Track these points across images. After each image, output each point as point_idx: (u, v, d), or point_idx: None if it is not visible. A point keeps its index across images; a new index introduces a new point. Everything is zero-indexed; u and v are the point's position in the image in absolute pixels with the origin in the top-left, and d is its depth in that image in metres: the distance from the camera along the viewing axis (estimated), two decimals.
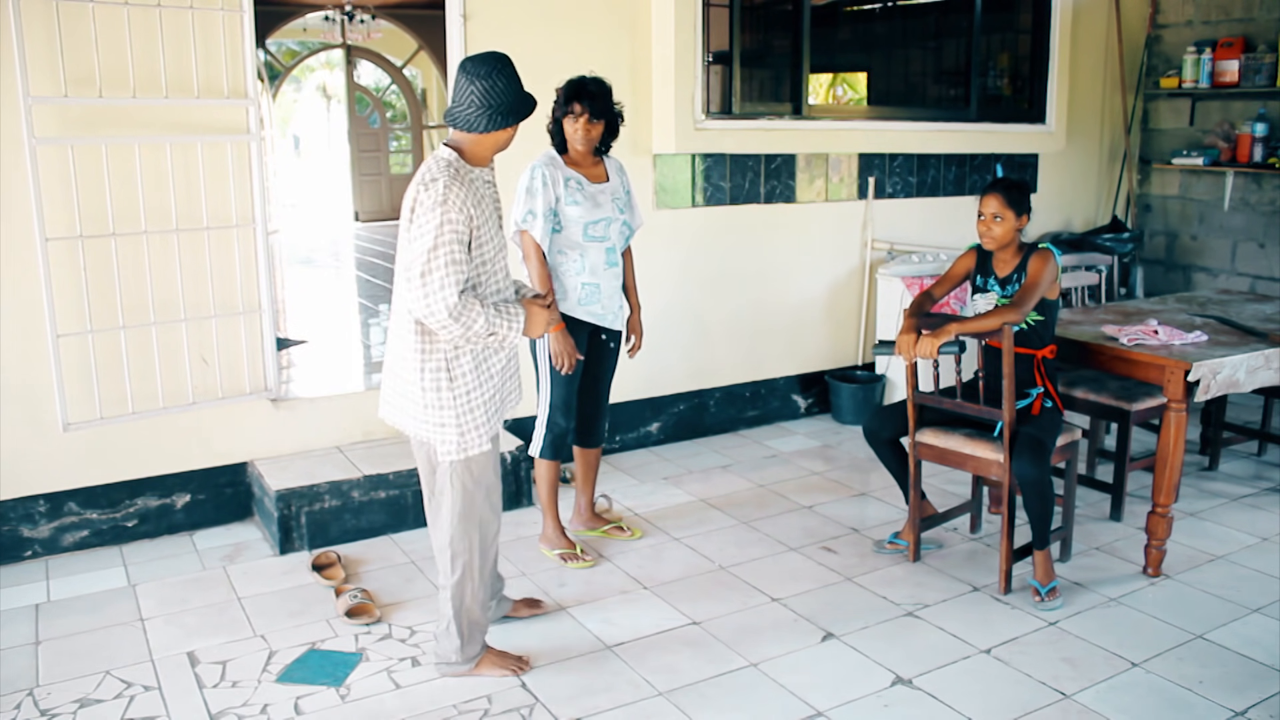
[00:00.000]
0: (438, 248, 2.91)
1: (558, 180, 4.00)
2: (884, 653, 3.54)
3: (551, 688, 3.34)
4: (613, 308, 4.17)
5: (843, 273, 6.32)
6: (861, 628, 3.72)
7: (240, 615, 3.88)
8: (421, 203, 2.95)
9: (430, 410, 3.10)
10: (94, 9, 4.09)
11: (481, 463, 3.21)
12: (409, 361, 3.10)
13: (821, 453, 5.70)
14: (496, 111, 3.03)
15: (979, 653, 3.54)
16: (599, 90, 4.00)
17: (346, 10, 13.81)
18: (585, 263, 4.06)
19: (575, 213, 4.01)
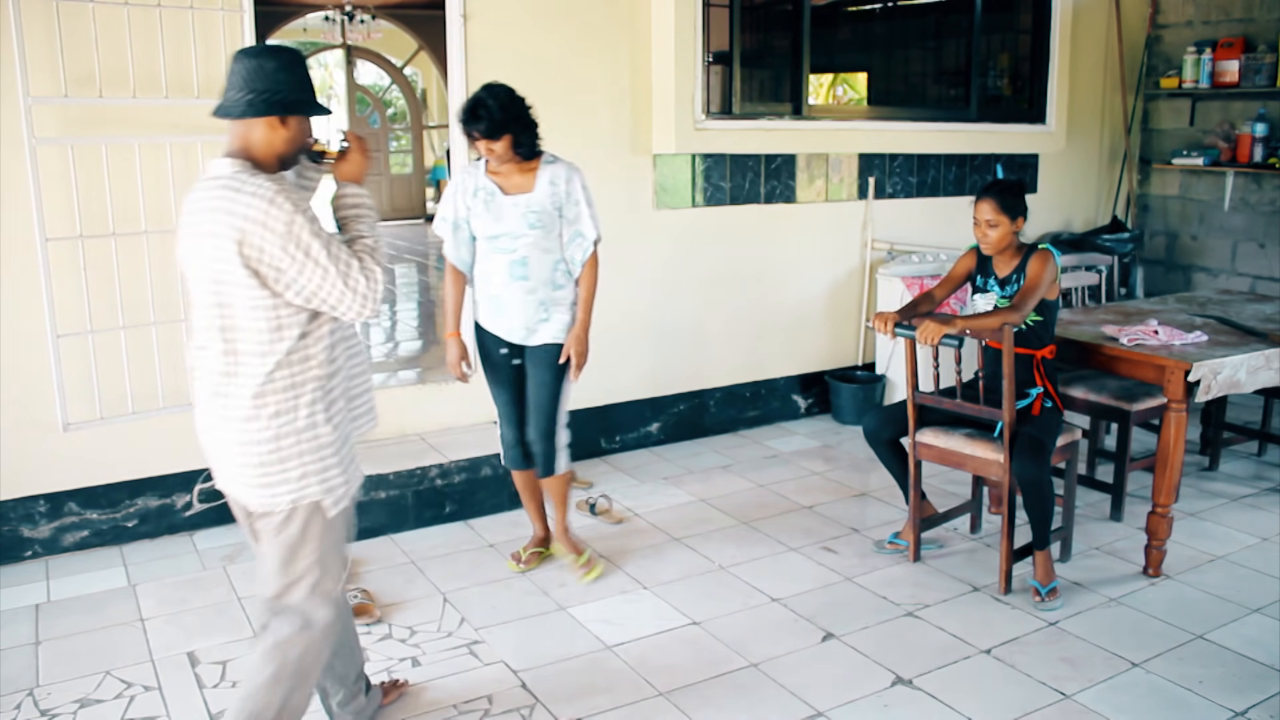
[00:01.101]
0: (324, 244, 2.46)
1: (469, 189, 3.88)
2: (884, 653, 3.54)
3: (552, 688, 3.34)
4: (529, 323, 3.90)
5: (843, 273, 6.32)
6: (862, 628, 3.72)
7: (240, 615, 3.87)
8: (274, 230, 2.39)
9: (288, 462, 2.55)
10: (94, 9, 4.09)
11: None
12: (263, 412, 2.51)
13: (822, 453, 5.70)
14: (259, 96, 2.49)
15: (979, 653, 3.54)
16: (492, 106, 3.70)
17: (346, 10, 13.81)
18: (489, 275, 3.91)
19: (476, 225, 3.89)
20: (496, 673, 3.44)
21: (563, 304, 3.94)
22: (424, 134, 16.92)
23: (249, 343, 2.48)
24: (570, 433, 4.11)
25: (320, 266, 2.44)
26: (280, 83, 2.51)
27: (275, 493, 2.56)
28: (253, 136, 2.51)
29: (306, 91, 2.58)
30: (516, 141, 3.78)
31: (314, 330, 2.55)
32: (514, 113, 3.76)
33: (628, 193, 5.48)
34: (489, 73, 4.96)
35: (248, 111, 2.49)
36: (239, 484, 2.60)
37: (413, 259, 12.36)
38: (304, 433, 2.55)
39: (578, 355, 3.95)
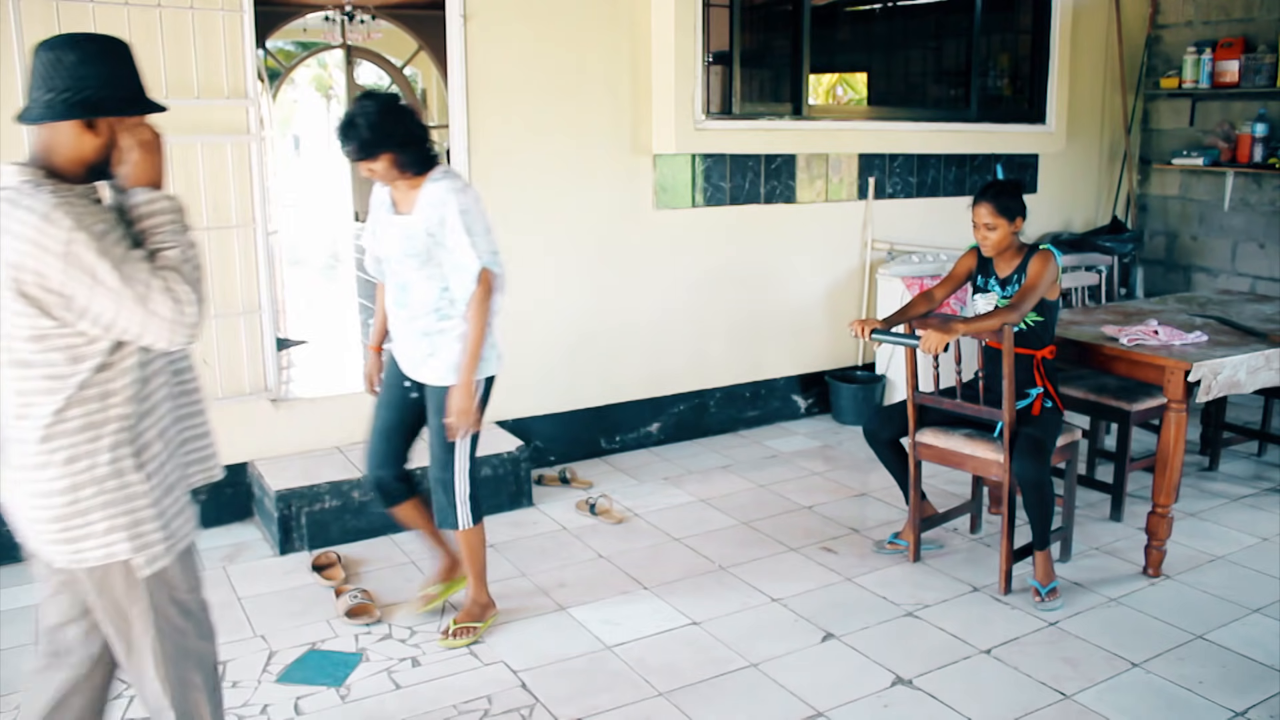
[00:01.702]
0: (114, 264, 2.04)
1: (378, 200, 3.56)
2: (884, 653, 3.54)
3: (552, 688, 3.34)
4: (413, 355, 3.54)
5: (843, 273, 6.32)
6: (861, 628, 3.72)
7: (240, 615, 3.88)
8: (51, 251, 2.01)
9: (90, 514, 2.16)
10: (94, 9, 4.09)
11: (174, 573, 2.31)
12: (54, 459, 2.12)
13: (822, 453, 5.70)
14: (59, 96, 2.09)
15: (979, 653, 3.54)
16: (362, 125, 3.26)
17: (346, 11, 13.80)
18: (386, 299, 3.63)
19: (369, 239, 3.62)
20: (496, 673, 3.44)
21: (451, 336, 3.48)
22: None
23: (37, 378, 2.10)
24: (472, 485, 3.62)
25: (111, 291, 2.03)
26: (84, 79, 2.10)
27: (79, 549, 2.17)
28: (56, 142, 2.12)
29: (120, 87, 2.16)
30: (399, 160, 3.34)
31: (117, 362, 2.14)
32: (388, 129, 3.28)
33: (627, 193, 5.48)
34: (489, 72, 4.99)
35: (45, 115, 2.09)
36: (39, 540, 2.20)
37: None
38: (107, 481, 2.14)
39: (458, 415, 3.43)
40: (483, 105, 5.02)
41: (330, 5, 13.49)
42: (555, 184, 5.27)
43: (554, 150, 5.25)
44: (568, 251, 5.37)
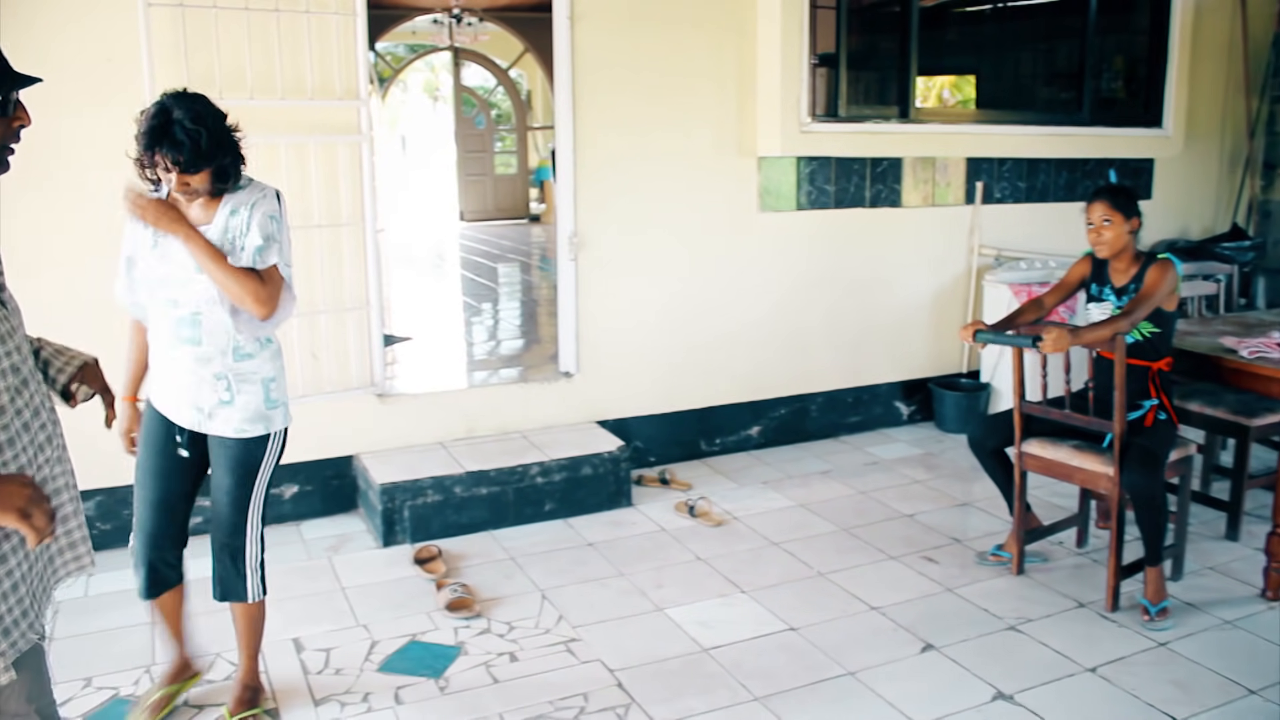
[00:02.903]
0: None
1: (135, 231, 2.92)
2: (984, 666, 3.47)
3: (648, 688, 3.34)
4: (201, 402, 2.95)
5: (948, 279, 6.22)
6: (962, 640, 3.65)
7: (344, 605, 3.96)
8: None
9: None
10: (217, 15, 4.22)
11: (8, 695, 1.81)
12: None
13: (924, 460, 5.62)
14: None
15: (1084, 671, 3.45)
16: (194, 129, 2.72)
17: (454, 13, 14.03)
18: (157, 336, 2.95)
19: (141, 269, 2.93)
20: (593, 671, 3.46)
21: (252, 380, 2.97)
22: (528, 135, 17.11)
23: None
24: (262, 550, 3.24)
25: None
26: None
27: None
28: None
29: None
30: (222, 173, 2.83)
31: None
32: (222, 134, 2.81)
33: (732, 195, 5.47)
34: (595, 74, 5.02)
35: None
36: None
37: (516, 258, 12.50)
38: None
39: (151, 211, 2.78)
40: (589, 107, 5.06)
41: (439, 8, 13.73)
42: (659, 186, 5.29)
43: (659, 152, 5.27)
44: (671, 253, 5.38)
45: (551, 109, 5.23)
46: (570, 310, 5.21)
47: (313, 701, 3.28)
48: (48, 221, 4.12)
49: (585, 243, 5.16)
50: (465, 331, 7.74)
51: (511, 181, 16.92)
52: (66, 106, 4.04)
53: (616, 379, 5.35)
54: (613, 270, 5.25)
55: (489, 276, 10.82)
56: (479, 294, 9.65)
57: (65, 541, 1.94)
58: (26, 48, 4.03)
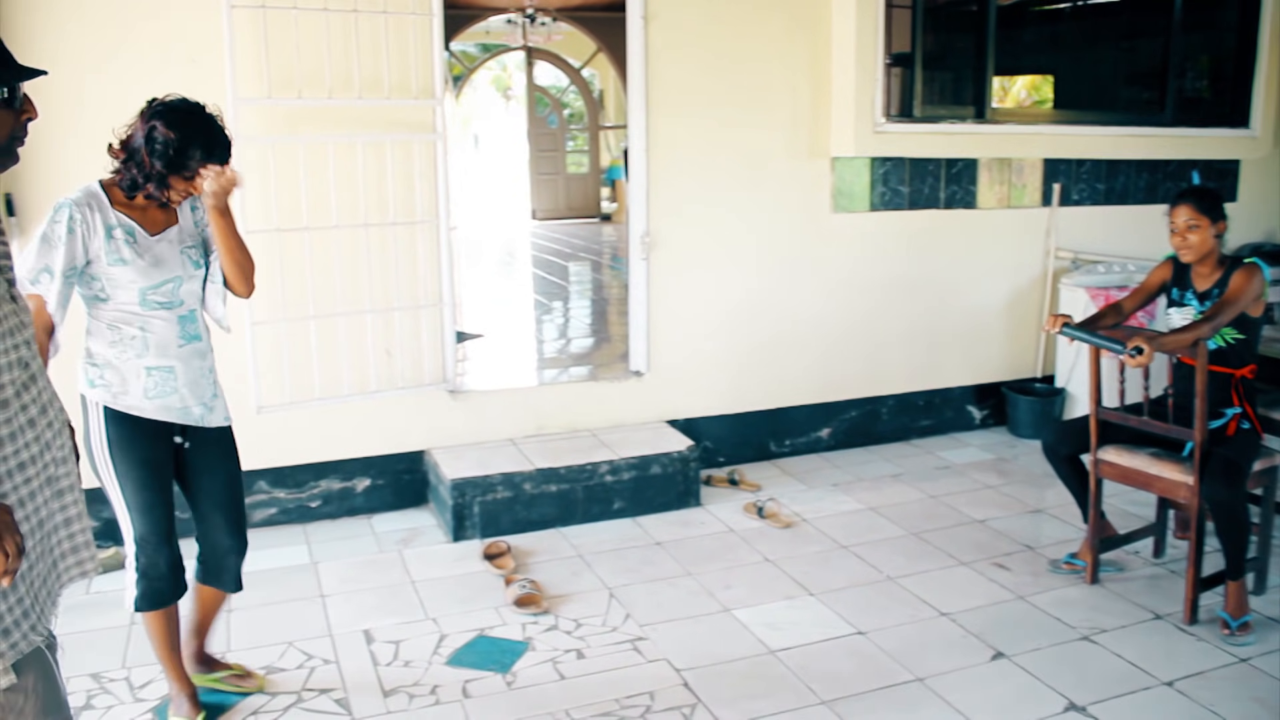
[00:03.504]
0: None
1: (95, 229, 2.82)
2: (1056, 677, 3.42)
3: (714, 688, 3.34)
4: (205, 398, 3.06)
5: (1023, 282, 6.13)
6: (1033, 649, 3.60)
7: (414, 598, 4.01)
8: None
9: None
10: (297, 16, 4.29)
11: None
12: None
13: (996, 466, 5.54)
14: None
15: (1160, 684, 3.38)
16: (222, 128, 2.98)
17: (528, 13, 14.12)
18: (149, 339, 2.93)
19: (124, 275, 2.86)
20: (659, 670, 3.46)
21: (214, 370, 3.16)
22: (600, 134, 17.17)
23: None
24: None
25: None
26: None
27: None
28: None
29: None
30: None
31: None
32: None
33: (804, 196, 5.45)
34: (668, 73, 5.02)
35: None
36: None
37: (587, 257, 12.55)
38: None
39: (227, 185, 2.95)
40: (661, 106, 5.06)
41: (513, 8, 13.82)
42: (732, 186, 5.28)
43: (731, 152, 5.26)
44: (742, 253, 5.37)
45: (623, 108, 5.25)
46: (641, 309, 5.23)
47: (382, 692, 3.33)
48: None
49: (657, 242, 5.17)
50: (536, 329, 7.80)
51: (583, 180, 16.99)
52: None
53: (687, 378, 5.35)
54: (684, 270, 5.25)
55: (560, 275, 10.88)
56: (550, 292, 9.70)
57: (69, 545, 1.88)
58: (111, 50, 4.14)
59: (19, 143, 1.74)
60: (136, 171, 2.85)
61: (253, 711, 3.23)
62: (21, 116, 1.72)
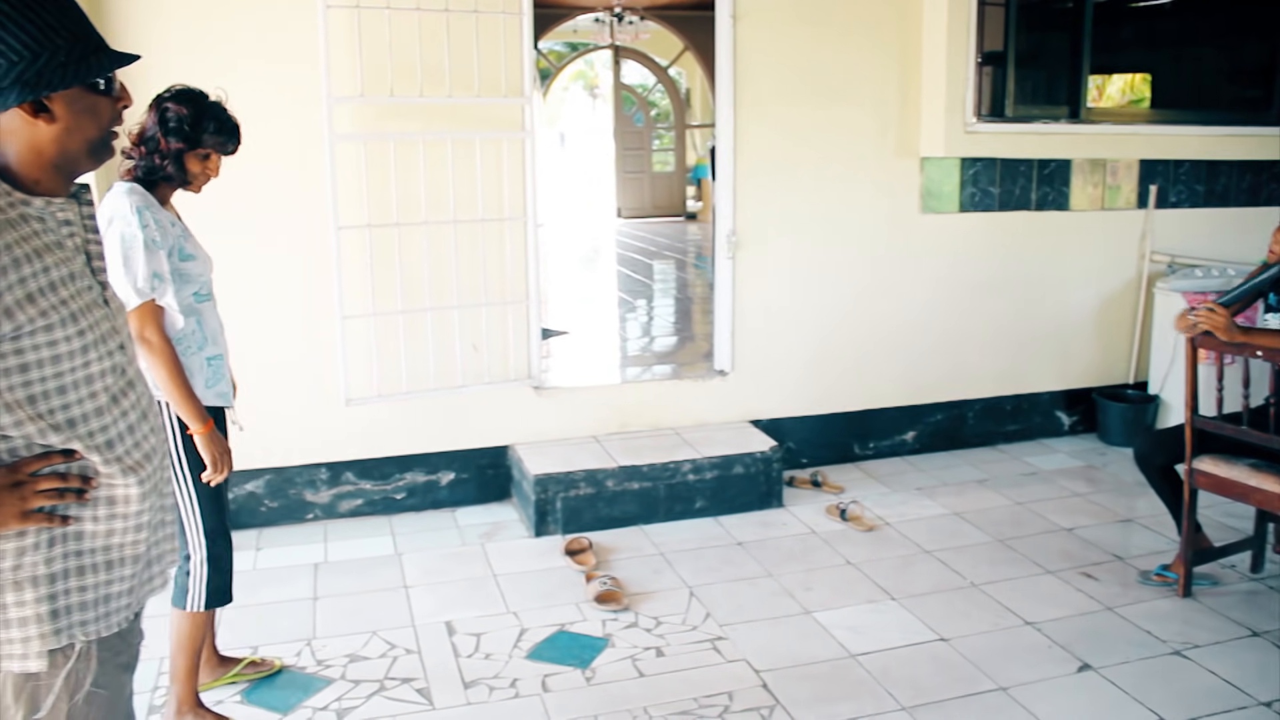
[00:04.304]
0: None
1: (166, 228, 2.87)
2: (1146, 691, 3.34)
3: (793, 691, 3.33)
4: (230, 380, 3.16)
5: (1117, 285, 5.99)
6: (1121, 662, 3.52)
7: (495, 591, 4.06)
8: None
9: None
10: (390, 16, 4.36)
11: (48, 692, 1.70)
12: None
13: (1085, 473, 5.43)
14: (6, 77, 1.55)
15: (1256, 704, 3.28)
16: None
17: (616, 12, 14.17)
18: (205, 331, 3.00)
19: (193, 268, 2.94)
20: (738, 670, 3.46)
21: None
22: (686, 133, 17.17)
23: None
24: None
25: None
26: (7, 51, 1.54)
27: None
28: (0, 135, 1.62)
29: (63, 50, 1.58)
30: None
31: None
32: None
33: (892, 196, 5.39)
34: (756, 72, 5.01)
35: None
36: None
37: (671, 255, 12.56)
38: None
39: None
40: (749, 105, 5.05)
41: (600, 7, 13.89)
42: (819, 186, 5.25)
43: (819, 152, 5.23)
44: (829, 253, 5.33)
45: (710, 107, 5.25)
46: (726, 309, 5.22)
47: (462, 684, 3.37)
48: (221, 222, 4.27)
49: (743, 241, 5.15)
50: (620, 327, 7.83)
51: (669, 179, 17.01)
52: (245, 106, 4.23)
53: (771, 379, 5.33)
54: (770, 269, 5.23)
55: (644, 273, 10.91)
56: (634, 290, 9.73)
57: (157, 551, 1.86)
58: (205, 48, 4.25)
59: (114, 135, 1.73)
60: (155, 156, 2.85)
61: (336, 698, 3.30)
62: (118, 104, 1.70)
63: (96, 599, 1.72)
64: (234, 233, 4.33)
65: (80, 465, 1.68)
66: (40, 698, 1.68)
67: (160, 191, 2.91)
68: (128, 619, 1.79)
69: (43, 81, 1.56)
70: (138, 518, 1.75)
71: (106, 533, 1.72)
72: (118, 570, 1.75)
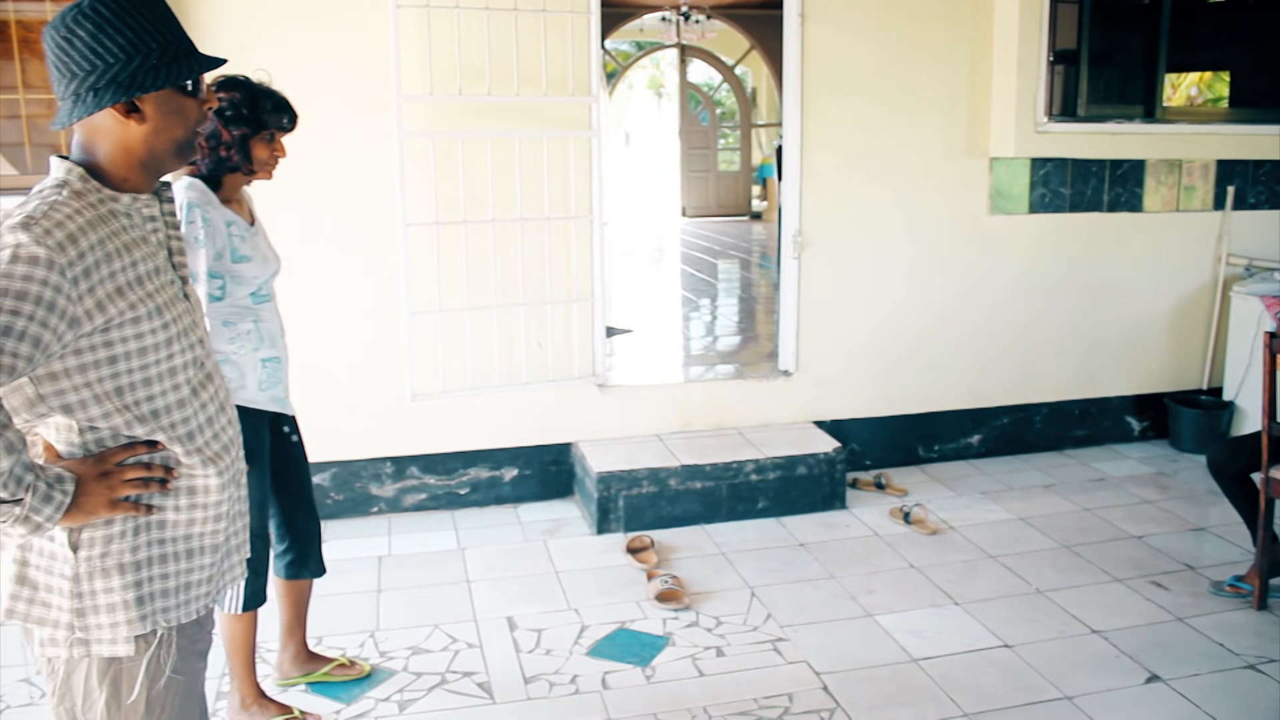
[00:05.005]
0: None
1: (219, 226, 2.83)
2: (1218, 705, 3.26)
3: (854, 694, 3.31)
4: (287, 385, 3.10)
5: (1190, 289, 5.87)
6: (1192, 674, 3.45)
7: (557, 587, 4.08)
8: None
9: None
10: (459, 15, 4.40)
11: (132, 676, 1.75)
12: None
13: (1155, 480, 5.33)
14: (83, 84, 1.63)
15: None
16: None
17: (683, 11, 14.17)
18: (262, 332, 2.96)
19: (250, 270, 2.90)
20: (799, 672, 3.45)
21: None
22: (752, 132, 17.12)
23: None
24: None
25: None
26: (103, 54, 1.62)
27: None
28: (92, 134, 1.69)
29: (155, 52, 1.65)
30: None
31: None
32: None
33: (960, 197, 5.33)
34: (824, 71, 4.98)
35: (69, 117, 1.66)
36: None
37: (736, 255, 12.53)
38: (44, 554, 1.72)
39: None
40: (817, 105, 5.02)
41: (667, 6, 13.90)
42: (886, 186, 5.21)
43: (886, 150, 5.18)
44: (895, 254, 5.29)
45: (776, 106, 5.23)
46: (791, 309, 5.20)
47: (523, 679, 3.40)
48: (289, 218, 4.32)
49: (809, 241, 5.13)
50: (684, 326, 7.83)
51: (734, 178, 16.97)
52: (316, 106, 4.30)
53: (835, 379, 5.30)
54: (835, 270, 5.20)
55: (709, 272, 10.89)
56: (698, 289, 9.73)
57: (238, 540, 1.93)
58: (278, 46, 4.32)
59: (198, 135, 1.79)
60: (220, 149, 2.83)
61: (398, 690, 3.34)
62: (204, 106, 1.77)
63: (178, 586, 1.79)
64: (302, 230, 4.40)
65: (163, 456, 1.74)
66: (123, 682, 1.74)
67: (227, 189, 2.89)
68: (206, 607, 1.85)
69: (136, 83, 1.63)
70: (216, 508, 1.81)
71: (187, 522, 1.78)
72: (197, 559, 1.81)
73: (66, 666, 1.73)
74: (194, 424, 1.76)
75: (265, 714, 3.11)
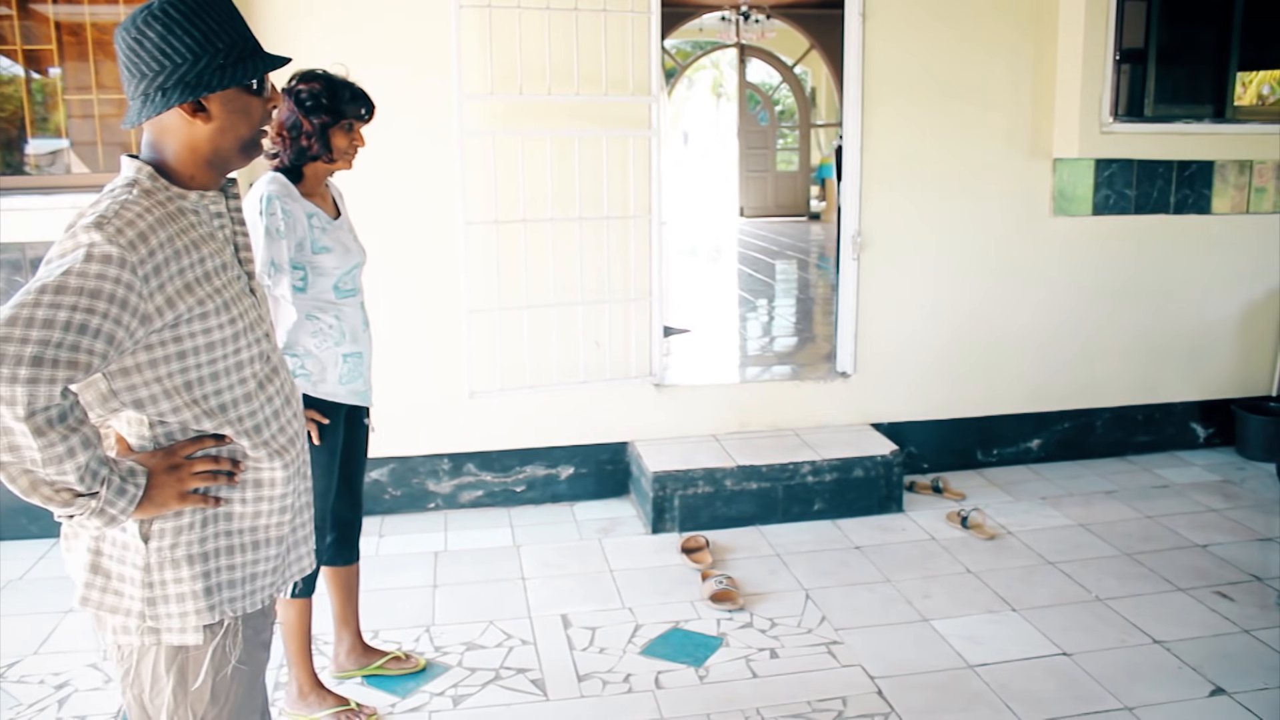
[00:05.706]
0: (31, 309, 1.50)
1: (299, 218, 2.87)
2: None
3: (908, 699, 3.28)
4: (370, 379, 3.16)
5: (1260, 293, 5.74)
6: (1259, 688, 3.37)
7: (611, 586, 4.09)
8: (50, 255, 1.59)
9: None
10: (521, 14, 4.42)
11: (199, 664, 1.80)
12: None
13: (1221, 488, 5.22)
14: (151, 85, 1.67)
15: None
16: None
17: (742, 11, 14.14)
18: (344, 327, 3.01)
19: (330, 262, 2.94)
20: (853, 675, 3.43)
21: None
22: (811, 132, 17.04)
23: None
24: None
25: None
26: (171, 54, 1.66)
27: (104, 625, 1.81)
28: (160, 133, 1.72)
29: (221, 53, 1.69)
30: None
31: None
32: None
33: (1023, 198, 5.27)
34: (884, 71, 4.95)
35: (139, 116, 1.70)
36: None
37: (794, 255, 12.48)
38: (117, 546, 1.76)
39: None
40: (876, 104, 4.99)
41: (727, 5, 13.88)
42: (947, 186, 5.16)
43: (947, 151, 5.13)
44: (955, 255, 5.23)
45: (835, 106, 5.21)
46: (850, 310, 5.17)
47: (576, 677, 3.41)
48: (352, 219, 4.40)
49: (868, 242, 5.09)
50: (741, 326, 7.81)
51: (792, 178, 16.91)
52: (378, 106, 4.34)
53: (893, 381, 5.26)
54: (895, 271, 5.16)
55: (766, 273, 10.86)
56: (756, 289, 9.70)
57: (304, 533, 1.97)
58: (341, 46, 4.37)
59: (264, 134, 1.82)
60: (301, 139, 2.88)
61: (452, 685, 3.37)
62: (268, 105, 1.80)
63: (244, 577, 1.83)
64: (362, 228, 4.44)
65: (230, 449, 1.78)
66: (190, 670, 1.79)
67: (309, 181, 2.94)
68: (271, 597, 1.90)
69: (202, 83, 1.67)
70: (282, 500, 1.85)
71: (254, 514, 1.82)
72: (263, 550, 1.85)
73: (136, 654, 1.78)
74: (260, 417, 1.80)
75: (322, 704, 3.16)
